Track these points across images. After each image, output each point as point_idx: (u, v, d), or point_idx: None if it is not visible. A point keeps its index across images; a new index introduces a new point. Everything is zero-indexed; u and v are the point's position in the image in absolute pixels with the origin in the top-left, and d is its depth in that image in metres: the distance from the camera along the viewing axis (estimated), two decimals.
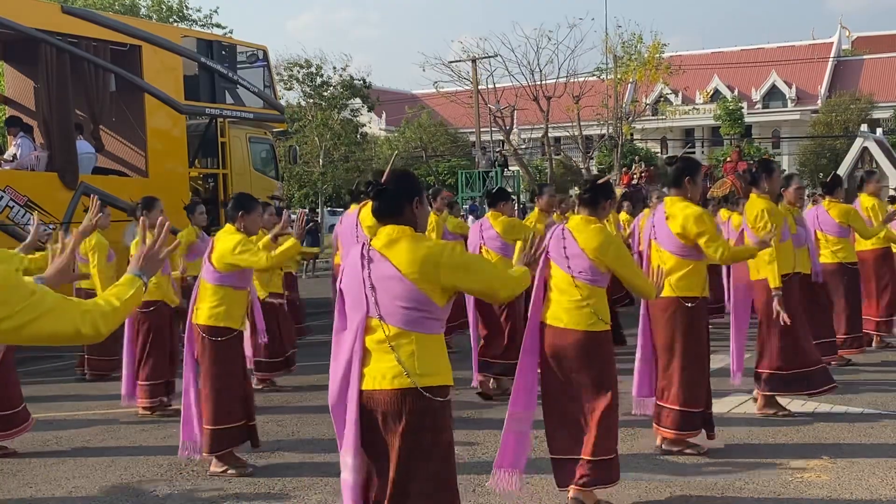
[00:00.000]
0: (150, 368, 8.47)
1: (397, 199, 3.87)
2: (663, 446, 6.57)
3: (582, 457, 5.36)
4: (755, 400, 7.82)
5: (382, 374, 3.75)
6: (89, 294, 9.93)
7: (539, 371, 5.56)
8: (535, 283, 5.49)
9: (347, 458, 3.83)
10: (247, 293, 6.77)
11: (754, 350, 7.81)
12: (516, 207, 25.28)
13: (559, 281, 5.51)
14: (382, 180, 3.90)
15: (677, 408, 6.42)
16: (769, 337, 7.60)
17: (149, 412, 8.40)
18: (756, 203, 7.58)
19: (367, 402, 3.78)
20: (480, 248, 8.87)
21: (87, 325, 2.79)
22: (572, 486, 5.41)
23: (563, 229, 5.62)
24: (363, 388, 3.79)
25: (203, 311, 6.44)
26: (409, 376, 3.71)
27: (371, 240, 3.89)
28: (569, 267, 5.46)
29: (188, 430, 6.49)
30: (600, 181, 5.75)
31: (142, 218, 3.48)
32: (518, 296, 4.75)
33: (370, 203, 3.97)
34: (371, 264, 3.81)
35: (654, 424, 6.59)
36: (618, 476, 5.47)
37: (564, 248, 5.50)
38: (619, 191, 18.51)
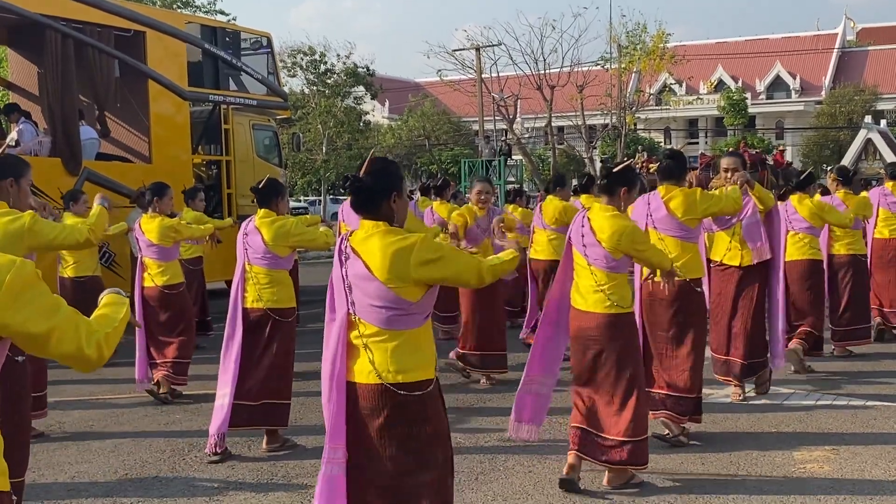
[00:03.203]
0: (183, 347, 8.53)
1: (373, 194, 3.79)
2: (668, 434, 6.55)
3: (611, 437, 5.49)
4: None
5: (363, 369, 3.77)
6: (75, 282, 9.91)
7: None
8: (561, 264, 5.83)
9: (334, 453, 3.84)
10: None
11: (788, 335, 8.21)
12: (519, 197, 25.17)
13: (579, 266, 5.67)
14: (360, 173, 3.82)
15: (692, 396, 6.46)
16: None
17: (167, 394, 8.40)
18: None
19: (354, 395, 3.80)
20: None
21: (91, 346, 2.60)
22: (603, 464, 5.58)
23: (584, 217, 5.72)
24: (350, 379, 3.81)
25: (267, 295, 6.64)
26: (380, 375, 3.71)
27: (351, 234, 3.84)
28: (585, 254, 5.61)
29: (222, 422, 6.47)
30: (617, 168, 5.76)
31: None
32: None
33: None
34: (347, 261, 3.79)
35: (654, 411, 6.56)
36: (646, 459, 5.58)
37: (583, 235, 5.62)
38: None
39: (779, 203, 8.12)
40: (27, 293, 2.47)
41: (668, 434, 6.51)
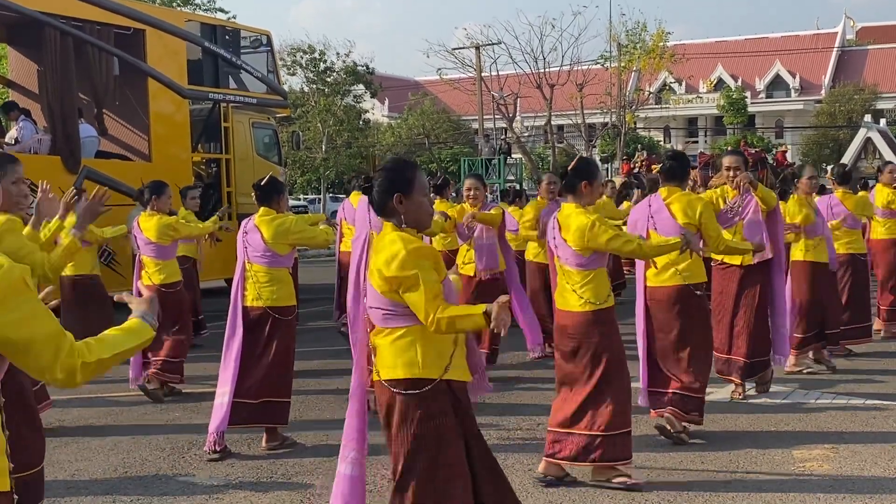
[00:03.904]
0: (176, 346, 8.50)
1: (379, 195, 3.84)
2: (671, 430, 6.53)
3: (590, 432, 5.50)
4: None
5: (375, 366, 3.85)
6: (75, 281, 9.76)
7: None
8: (551, 270, 5.87)
9: (348, 452, 3.87)
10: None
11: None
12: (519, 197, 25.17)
13: (557, 266, 5.71)
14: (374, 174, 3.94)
15: (697, 396, 6.44)
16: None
17: (161, 389, 8.41)
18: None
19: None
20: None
21: (62, 371, 2.50)
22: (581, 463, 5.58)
23: (555, 218, 5.74)
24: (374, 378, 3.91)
25: (266, 293, 6.62)
26: (377, 371, 3.79)
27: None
28: (558, 255, 5.67)
29: (222, 421, 6.48)
30: (572, 165, 5.73)
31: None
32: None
33: None
34: (366, 262, 3.95)
35: (659, 409, 6.55)
36: (629, 453, 5.55)
37: (554, 237, 5.67)
38: (618, 180, 18.45)
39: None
40: (12, 299, 2.42)
41: (670, 429, 6.50)
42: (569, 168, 5.70)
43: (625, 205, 15.20)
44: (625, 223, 8.25)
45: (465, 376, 3.87)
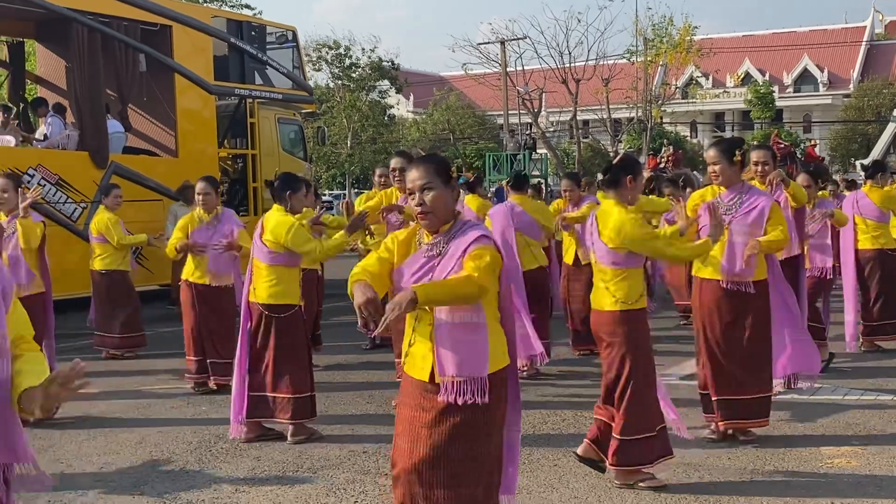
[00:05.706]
0: (219, 347, 8.39)
1: None
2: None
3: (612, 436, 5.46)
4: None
5: None
6: (101, 274, 9.98)
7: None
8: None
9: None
10: (299, 269, 6.95)
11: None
12: (543, 191, 25.21)
13: (593, 263, 5.66)
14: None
15: (762, 395, 6.38)
16: None
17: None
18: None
19: None
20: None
21: None
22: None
23: (594, 215, 5.67)
24: None
25: (262, 290, 6.65)
26: None
27: None
28: (593, 252, 5.62)
29: (236, 411, 6.66)
30: (618, 159, 5.73)
31: None
32: None
33: None
34: None
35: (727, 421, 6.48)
36: (651, 457, 5.45)
37: (591, 234, 5.61)
38: (644, 175, 18.33)
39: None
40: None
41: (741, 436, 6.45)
42: (614, 162, 5.66)
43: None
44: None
45: (418, 374, 3.77)
